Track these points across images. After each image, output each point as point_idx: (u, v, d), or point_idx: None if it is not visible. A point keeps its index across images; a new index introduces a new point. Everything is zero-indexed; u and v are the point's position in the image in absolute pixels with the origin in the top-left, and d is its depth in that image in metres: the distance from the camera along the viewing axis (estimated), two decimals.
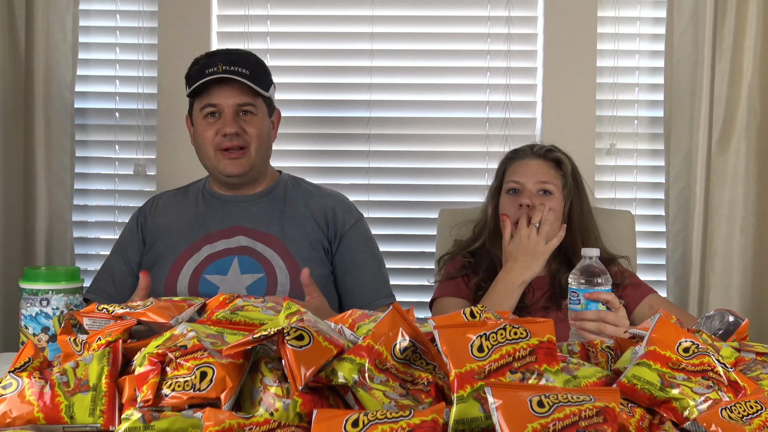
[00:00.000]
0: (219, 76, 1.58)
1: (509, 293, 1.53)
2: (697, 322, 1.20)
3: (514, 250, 1.56)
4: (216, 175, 1.67)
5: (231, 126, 1.58)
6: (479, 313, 0.92)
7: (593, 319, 1.28)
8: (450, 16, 2.27)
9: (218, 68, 1.58)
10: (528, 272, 1.54)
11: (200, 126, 1.62)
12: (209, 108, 1.60)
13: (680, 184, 2.14)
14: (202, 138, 1.62)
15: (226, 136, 1.59)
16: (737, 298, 2.15)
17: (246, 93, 1.61)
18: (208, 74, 1.59)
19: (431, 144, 2.28)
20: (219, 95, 1.59)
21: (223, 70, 1.58)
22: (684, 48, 2.13)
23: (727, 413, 0.78)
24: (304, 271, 1.44)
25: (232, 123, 1.58)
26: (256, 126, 1.62)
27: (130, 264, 1.68)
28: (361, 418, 0.70)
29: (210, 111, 1.61)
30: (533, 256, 1.54)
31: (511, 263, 1.56)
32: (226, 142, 1.60)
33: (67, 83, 2.18)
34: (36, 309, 1.18)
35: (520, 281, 1.54)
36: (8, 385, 0.83)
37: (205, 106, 1.60)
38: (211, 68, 1.59)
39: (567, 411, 0.69)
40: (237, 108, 1.60)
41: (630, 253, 1.84)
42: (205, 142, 1.62)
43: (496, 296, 1.54)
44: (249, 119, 1.62)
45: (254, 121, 1.62)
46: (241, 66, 1.60)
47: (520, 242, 1.55)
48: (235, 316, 0.95)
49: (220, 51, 1.67)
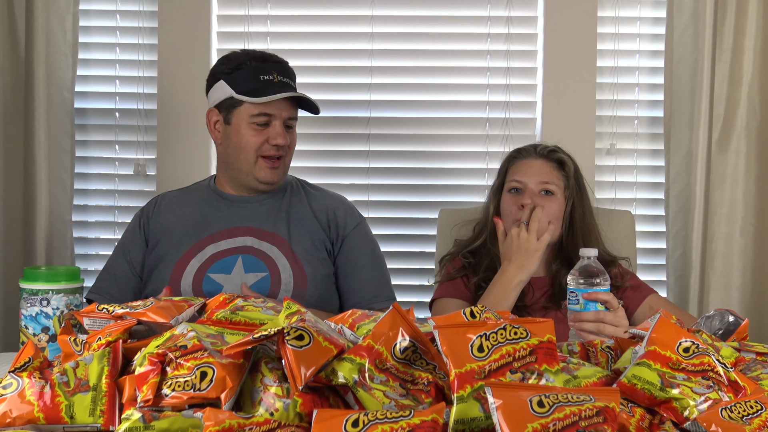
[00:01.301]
0: (286, 94, 1.60)
1: (506, 294, 1.53)
2: (697, 322, 1.20)
3: (507, 250, 1.57)
4: (248, 179, 1.67)
5: (284, 138, 1.63)
6: (479, 313, 0.92)
7: (592, 319, 1.28)
8: (450, 16, 2.27)
9: (274, 77, 1.61)
10: (523, 272, 1.54)
11: (245, 130, 1.62)
12: (264, 117, 1.61)
13: (680, 184, 2.14)
14: (246, 142, 1.62)
15: (275, 146, 1.62)
16: (737, 298, 2.15)
17: (294, 107, 1.66)
18: (265, 81, 1.61)
19: (431, 144, 2.28)
20: (276, 106, 1.61)
21: (278, 81, 1.61)
22: (684, 48, 2.13)
23: (727, 413, 0.78)
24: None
25: (284, 135, 1.63)
26: (294, 138, 1.69)
27: (132, 264, 1.68)
28: (361, 418, 0.70)
29: (264, 121, 1.62)
30: (526, 254, 1.54)
31: (506, 264, 1.56)
32: (272, 151, 1.63)
33: (67, 83, 2.18)
34: (36, 309, 1.19)
35: (516, 281, 1.53)
36: (8, 385, 0.83)
37: (260, 114, 1.61)
38: (266, 75, 1.61)
39: (567, 411, 0.69)
40: (286, 120, 1.64)
41: (630, 253, 1.84)
42: (249, 146, 1.62)
43: (494, 297, 1.53)
44: (291, 132, 1.67)
45: (293, 133, 1.69)
46: (290, 78, 1.66)
47: (512, 242, 1.56)
48: (235, 316, 0.95)
49: (269, 56, 1.67)
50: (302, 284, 1.60)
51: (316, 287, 1.62)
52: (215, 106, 1.67)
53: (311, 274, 1.61)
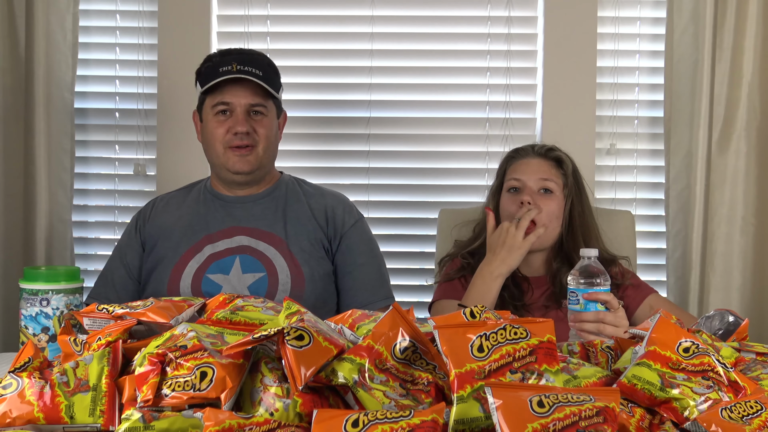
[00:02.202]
0: (233, 76, 1.60)
1: (487, 286, 1.55)
2: (697, 322, 1.20)
3: (493, 243, 1.59)
4: (223, 173, 1.68)
5: (242, 125, 1.61)
6: (479, 313, 0.92)
7: (592, 320, 1.28)
8: (450, 16, 2.27)
9: (232, 67, 1.61)
10: (503, 265, 1.55)
11: (211, 123, 1.64)
12: (221, 106, 1.62)
13: (680, 184, 2.14)
14: (212, 135, 1.64)
15: (237, 134, 1.61)
16: (737, 298, 2.15)
17: (258, 94, 1.63)
18: (222, 72, 1.61)
19: (431, 144, 2.28)
20: (232, 94, 1.61)
21: (237, 69, 1.61)
22: (684, 48, 2.13)
23: (727, 413, 0.78)
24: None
25: (243, 122, 1.61)
26: (265, 126, 1.65)
27: (129, 268, 1.68)
28: (361, 418, 0.70)
29: (222, 109, 1.63)
30: (509, 249, 1.55)
31: (490, 256, 1.58)
32: (236, 141, 1.62)
33: (67, 83, 2.18)
34: (36, 309, 1.18)
35: (496, 273, 1.55)
36: (8, 385, 0.83)
37: (218, 104, 1.62)
38: (225, 67, 1.62)
39: (567, 411, 0.69)
40: (249, 107, 1.63)
41: (630, 253, 1.84)
42: (214, 139, 1.64)
43: (476, 289, 1.56)
44: (259, 119, 1.65)
45: (264, 121, 1.65)
46: (255, 66, 1.63)
47: (500, 235, 1.58)
48: (235, 316, 0.95)
49: (234, 50, 1.68)
50: (300, 284, 1.59)
51: (314, 287, 1.61)
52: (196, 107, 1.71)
53: (309, 274, 1.61)
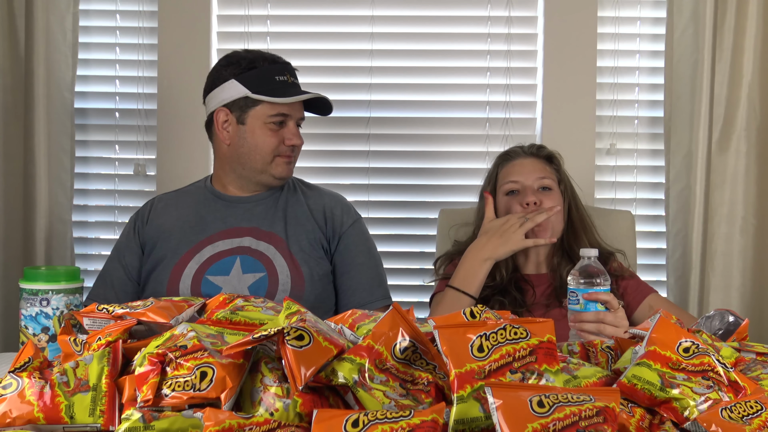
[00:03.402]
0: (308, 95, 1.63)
1: (475, 269, 1.56)
2: (697, 322, 1.20)
3: (491, 228, 1.59)
4: (260, 177, 1.67)
5: (299, 138, 1.67)
6: (479, 313, 0.92)
7: (592, 320, 1.28)
8: (450, 16, 2.27)
9: (287, 78, 1.64)
10: (495, 252, 1.56)
11: (263, 131, 1.63)
12: (280, 117, 1.63)
13: (680, 184, 2.14)
14: (263, 142, 1.63)
15: (290, 146, 1.65)
16: (737, 298, 2.15)
17: (303, 107, 1.69)
18: (280, 82, 1.63)
19: (431, 144, 2.28)
20: (292, 106, 1.64)
21: (291, 82, 1.65)
22: (684, 48, 2.13)
23: (727, 413, 0.78)
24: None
25: (299, 135, 1.67)
26: (301, 137, 1.71)
27: (128, 269, 1.67)
28: (361, 418, 0.70)
29: (280, 120, 1.64)
30: (504, 241, 1.56)
31: (484, 239, 1.59)
32: (287, 151, 1.66)
33: (67, 83, 2.18)
34: (36, 309, 1.19)
35: (486, 257, 1.56)
36: (8, 385, 0.83)
37: (278, 114, 1.63)
38: (280, 76, 1.64)
39: (567, 411, 0.69)
40: (298, 120, 1.68)
41: (630, 253, 1.84)
42: (266, 146, 1.64)
43: (464, 271, 1.57)
44: (299, 130, 1.70)
45: (300, 132, 1.71)
46: (296, 79, 1.69)
47: (501, 224, 1.58)
48: (235, 316, 0.95)
49: (278, 57, 1.68)
50: (299, 284, 1.60)
51: (314, 287, 1.61)
52: (225, 105, 1.65)
53: (308, 274, 1.61)
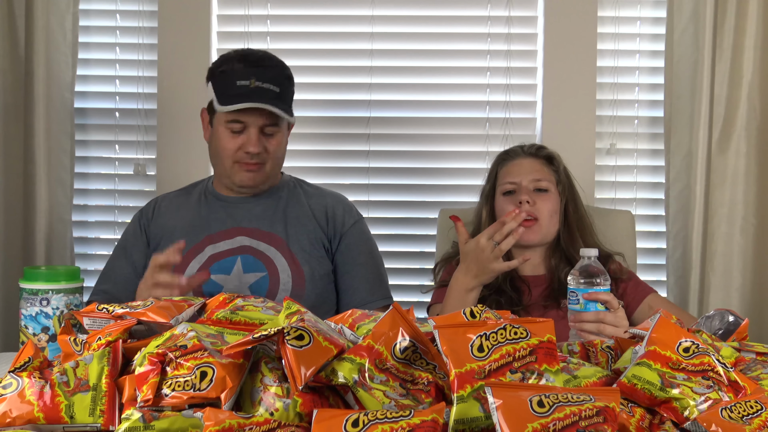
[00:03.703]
0: (250, 105, 1.54)
1: (462, 299, 1.49)
2: (697, 322, 1.20)
3: (470, 254, 1.49)
4: (227, 182, 1.67)
5: (255, 146, 1.59)
6: (479, 313, 0.92)
7: (592, 320, 1.28)
8: (450, 16, 2.27)
9: (250, 83, 1.56)
10: (476, 280, 1.48)
11: (222, 134, 1.60)
12: (237, 124, 1.59)
13: (680, 184, 2.14)
14: (222, 147, 1.61)
15: (248, 153, 1.59)
16: (737, 298, 2.15)
17: (273, 114, 1.59)
18: (239, 87, 1.56)
19: (431, 144, 2.28)
20: (249, 113, 1.57)
21: (255, 87, 1.56)
22: (684, 48, 2.13)
23: (727, 413, 0.78)
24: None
25: (256, 143, 1.59)
26: (275, 144, 1.63)
27: (135, 266, 1.67)
28: (361, 418, 0.70)
29: (238, 127, 1.59)
30: (482, 268, 1.47)
31: (464, 267, 1.50)
32: (246, 159, 1.60)
33: (67, 83, 2.18)
34: (36, 309, 1.18)
35: (471, 286, 1.49)
36: (8, 385, 0.83)
37: (234, 121, 1.58)
38: (242, 80, 1.56)
39: (567, 411, 0.69)
40: (262, 127, 1.60)
41: (630, 253, 1.84)
42: (225, 151, 1.61)
43: (452, 300, 1.51)
44: (270, 138, 1.62)
45: (275, 139, 1.63)
46: (273, 83, 1.59)
47: (475, 250, 1.47)
48: (235, 315, 0.95)
49: (253, 58, 1.61)
50: (300, 283, 1.60)
51: (315, 286, 1.62)
52: (207, 106, 1.68)
53: (309, 273, 1.61)
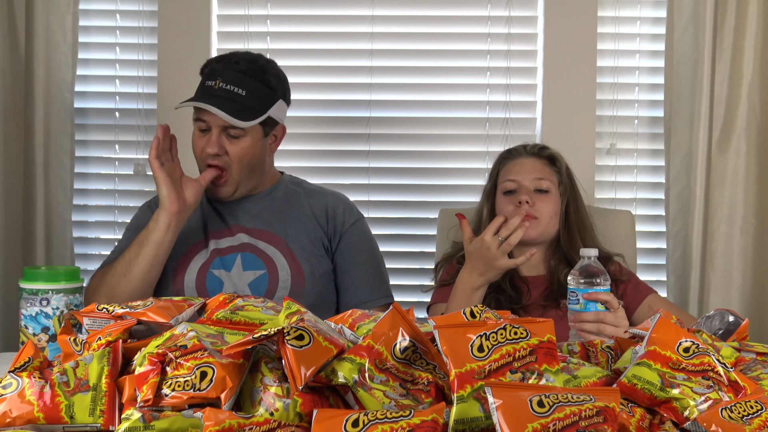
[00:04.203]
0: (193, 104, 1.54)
1: (468, 298, 1.50)
2: (697, 322, 1.20)
3: (474, 252, 1.49)
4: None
5: (213, 147, 1.56)
6: (479, 313, 0.92)
7: (592, 320, 1.28)
8: (450, 15, 2.27)
9: (215, 83, 1.56)
10: (482, 278, 1.49)
11: (193, 133, 1.62)
12: (202, 123, 1.58)
13: (680, 184, 2.14)
14: (193, 145, 1.63)
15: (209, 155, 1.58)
16: (737, 298, 2.15)
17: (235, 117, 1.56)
18: (205, 86, 1.57)
19: (431, 144, 2.28)
20: (207, 114, 1.56)
21: (218, 87, 1.55)
22: (684, 48, 2.13)
23: (728, 413, 0.78)
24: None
25: (214, 144, 1.56)
26: (239, 148, 1.58)
27: None
28: (361, 418, 0.70)
29: (203, 126, 1.59)
30: (488, 266, 1.47)
31: (469, 266, 1.51)
32: (209, 159, 1.59)
33: (67, 83, 2.18)
34: (36, 309, 1.18)
35: (477, 285, 1.49)
36: (8, 385, 0.83)
37: (198, 120, 1.59)
38: (210, 81, 1.57)
39: (567, 411, 0.69)
40: (224, 127, 1.57)
41: (630, 253, 1.84)
42: (194, 150, 1.63)
43: (457, 302, 1.51)
44: (234, 141, 1.58)
45: (239, 143, 1.58)
46: (239, 85, 1.55)
47: (480, 248, 1.47)
48: (235, 315, 0.95)
49: (233, 59, 1.60)
50: (300, 282, 1.60)
51: (314, 285, 1.62)
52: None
53: (309, 272, 1.62)
